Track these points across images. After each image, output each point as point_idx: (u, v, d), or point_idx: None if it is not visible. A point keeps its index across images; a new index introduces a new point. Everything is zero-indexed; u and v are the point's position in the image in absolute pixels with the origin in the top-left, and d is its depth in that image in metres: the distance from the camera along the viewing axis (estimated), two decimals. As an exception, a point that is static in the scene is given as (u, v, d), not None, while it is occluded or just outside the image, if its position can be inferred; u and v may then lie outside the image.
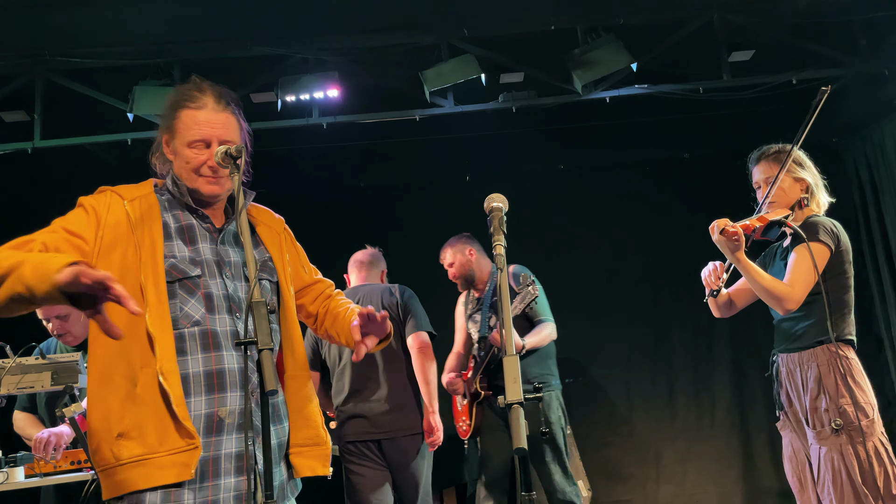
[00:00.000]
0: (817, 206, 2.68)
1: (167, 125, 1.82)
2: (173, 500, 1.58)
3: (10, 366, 2.67)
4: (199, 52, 4.24)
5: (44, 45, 4.13)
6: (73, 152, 4.54)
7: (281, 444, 1.78)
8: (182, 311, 1.67)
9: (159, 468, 1.58)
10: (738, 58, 4.69)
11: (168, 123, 1.82)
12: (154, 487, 1.58)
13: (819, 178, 2.70)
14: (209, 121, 1.77)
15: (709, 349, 5.47)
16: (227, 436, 1.66)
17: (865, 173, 5.48)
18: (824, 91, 2.48)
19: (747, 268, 2.47)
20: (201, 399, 1.65)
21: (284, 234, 2.00)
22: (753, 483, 5.27)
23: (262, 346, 1.38)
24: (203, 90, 1.79)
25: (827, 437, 2.42)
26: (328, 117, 4.46)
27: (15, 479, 2.95)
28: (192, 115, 1.78)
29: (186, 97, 1.80)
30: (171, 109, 1.82)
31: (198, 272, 1.72)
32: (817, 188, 2.68)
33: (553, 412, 3.63)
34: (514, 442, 1.39)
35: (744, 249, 2.44)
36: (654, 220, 5.57)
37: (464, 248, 3.85)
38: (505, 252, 1.64)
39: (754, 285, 2.50)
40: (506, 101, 4.52)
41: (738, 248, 2.42)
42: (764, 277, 2.48)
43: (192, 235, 1.76)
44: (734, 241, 2.41)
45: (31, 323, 3.58)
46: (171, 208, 1.79)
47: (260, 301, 1.43)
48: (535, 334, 3.62)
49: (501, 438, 3.62)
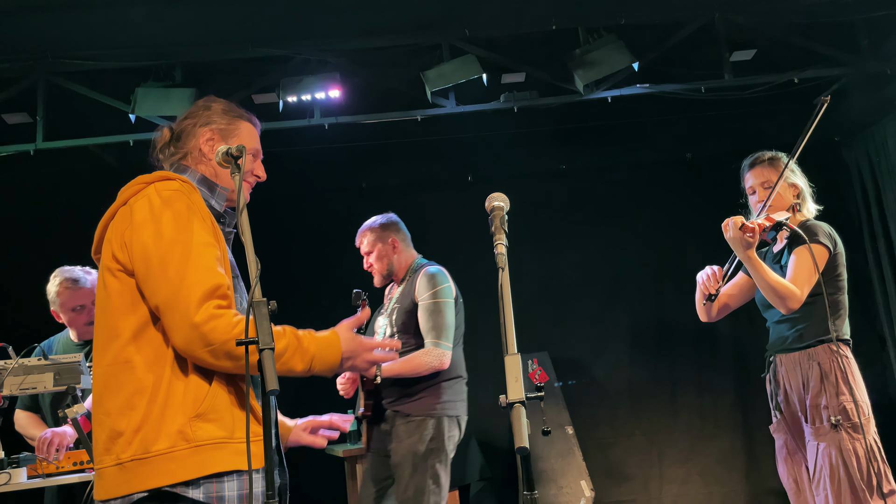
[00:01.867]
0: (807, 211, 2.74)
1: (219, 127, 1.88)
2: (245, 487, 1.60)
3: (13, 367, 2.68)
4: (201, 53, 4.24)
5: (46, 48, 4.14)
6: (75, 154, 4.54)
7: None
8: (241, 306, 1.71)
9: (237, 454, 1.59)
10: (740, 57, 4.68)
11: (221, 126, 1.88)
12: (232, 471, 1.59)
13: (808, 186, 2.75)
14: (257, 138, 1.97)
15: (711, 349, 5.47)
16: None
17: (867, 172, 5.47)
18: (824, 101, 2.52)
19: (757, 266, 2.50)
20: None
21: None
22: (756, 483, 5.26)
23: (262, 345, 1.40)
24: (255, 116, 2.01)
25: (826, 432, 2.45)
26: (330, 118, 4.47)
27: (18, 480, 2.96)
28: (251, 129, 1.95)
29: (244, 112, 1.96)
30: (228, 114, 1.92)
31: (236, 273, 1.79)
32: (807, 195, 2.74)
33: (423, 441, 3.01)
34: (516, 441, 1.38)
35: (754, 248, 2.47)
36: (656, 220, 5.56)
37: (385, 236, 3.37)
38: (506, 251, 1.64)
39: (762, 284, 2.53)
40: (507, 102, 4.52)
41: (751, 246, 2.47)
42: (772, 276, 2.52)
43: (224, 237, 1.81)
44: (749, 240, 2.43)
45: (32, 323, 3.59)
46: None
47: (261, 301, 1.45)
48: (403, 361, 3.04)
49: (373, 460, 3.23)
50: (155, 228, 1.63)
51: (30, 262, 5.05)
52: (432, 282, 3.15)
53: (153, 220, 1.64)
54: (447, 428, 3.07)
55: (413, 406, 3.08)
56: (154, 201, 1.66)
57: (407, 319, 3.15)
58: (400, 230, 3.39)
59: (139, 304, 1.64)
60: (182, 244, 1.61)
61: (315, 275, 5.29)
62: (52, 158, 4.48)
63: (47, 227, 4.99)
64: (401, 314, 3.18)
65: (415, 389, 3.08)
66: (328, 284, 5.47)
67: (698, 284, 2.74)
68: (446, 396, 3.10)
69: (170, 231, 1.62)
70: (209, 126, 1.88)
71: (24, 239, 5.05)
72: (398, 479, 3.05)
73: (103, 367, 1.65)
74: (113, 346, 1.64)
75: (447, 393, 3.11)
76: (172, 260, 1.59)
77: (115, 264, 1.66)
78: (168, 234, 1.62)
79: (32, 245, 5.07)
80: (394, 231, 3.36)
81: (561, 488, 4.67)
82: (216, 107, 1.92)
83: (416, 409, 3.07)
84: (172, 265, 1.59)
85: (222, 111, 1.91)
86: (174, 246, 1.61)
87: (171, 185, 1.70)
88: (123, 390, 1.60)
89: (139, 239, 1.63)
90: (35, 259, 5.09)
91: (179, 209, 1.65)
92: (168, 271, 1.59)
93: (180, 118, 1.94)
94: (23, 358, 2.72)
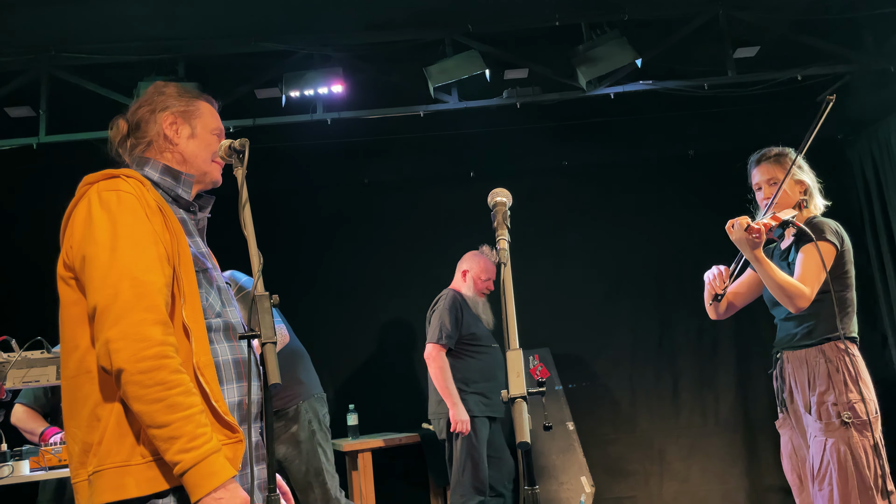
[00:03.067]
0: (815, 208, 2.72)
1: (179, 109, 1.80)
2: None
3: (16, 360, 2.69)
4: (204, 47, 4.24)
5: (49, 41, 4.14)
6: (77, 148, 4.54)
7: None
8: (207, 301, 1.64)
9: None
10: (744, 54, 4.67)
11: (181, 108, 1.80)
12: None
13: (815, 182, 2.73)
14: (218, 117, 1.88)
15: (713, 346, 5.47)
16: (255, 423, 1.65)
17: (871, 170, 5.46)
18: (829, 100, 2.51)
19: (765, 265, 2.49)
20: (233, 387, 1.63)
21: None
22: (757, 480, 5.27)
23: (265, 339, 1.39)
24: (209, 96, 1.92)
25: (836, 428, 2.44)
26: (332, 113, 4.46)
27: (20, 473, 2.97)
28: (209, 108, 1.86)
29: (201, 93, 1.87)
30: (184, 96, 1.82)
31: (210, 265, 1.71)
32: (815, 190, 2.72)
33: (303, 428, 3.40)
34: (518, 436, 1.39)
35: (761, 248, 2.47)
36: (659, 217, 5.56)
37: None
38: (509, 247, 1.64)
39: (769, 282, 2.52)
40: (510, 98, 4.52)
41: (757, 246, 2.47)
42: (780, 275, 2.51)
43: (188, 229, 1.73)
44: (756, 240, 2.43)
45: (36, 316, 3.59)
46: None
47: (263, 294, 1.44)
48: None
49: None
50: (89, 233, 1.55)
51: (31, 256, 5.07)
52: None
53: (89, 224, 1.56)
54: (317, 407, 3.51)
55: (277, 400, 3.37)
56: (93, 204, 1.58)
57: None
58: None
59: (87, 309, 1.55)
60: (110, 249, 1.52)
61: (317, 269, 5.30)
62: (55, 152, 4.48)
63: (49, 221, 4.99)
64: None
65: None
66: (330, 278, 5.49)
67: (706, 284, 2.74)
68: (304, 379, 3.51)
69: (102, 235, 1.54)
70: (169, 110, 1.80)
71: (25, 233, 5.06)
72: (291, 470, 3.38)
73: (68, 380, 1.58)
74: (73, 358, 1.57)
75: (303, 376, 3.52)
76: (100, 266, 1.51)
77: (66, 272, 1.60)
78: (100, 239, 1.54)
79: (34, 239, 5.07)
80: None
81: (561, 484, 4.68)
82: (170, 90, 1.84)
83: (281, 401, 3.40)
84: (99, 272, 1.51)
85: (177, 94, 1.83)
86: (103, 251, 1.52)
87: (113, 185, 1.62)
88: (89, 401, 1.54)
89: (77, 244, 1.57)
90: (36, 253, 5.11)
91: (117, 211, 1.57)
92: (94, 279, 1.51)
93: (133, 108, 1.85)
94: (26, 351, 2.73)
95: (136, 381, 1.45)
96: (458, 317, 4.12)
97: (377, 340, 5.45)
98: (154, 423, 1.44)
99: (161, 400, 1.45)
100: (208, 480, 1.44)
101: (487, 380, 4.11)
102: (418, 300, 5.31)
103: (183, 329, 1.57)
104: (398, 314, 5.43)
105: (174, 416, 1.44)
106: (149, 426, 1.45)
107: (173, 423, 1.44)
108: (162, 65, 4.26)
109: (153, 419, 1.44)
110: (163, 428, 1.44)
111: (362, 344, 5.40)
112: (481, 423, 4.05)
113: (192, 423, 1.45)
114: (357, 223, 5.50)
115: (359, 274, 5.37)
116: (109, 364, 1.46)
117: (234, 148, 1.64)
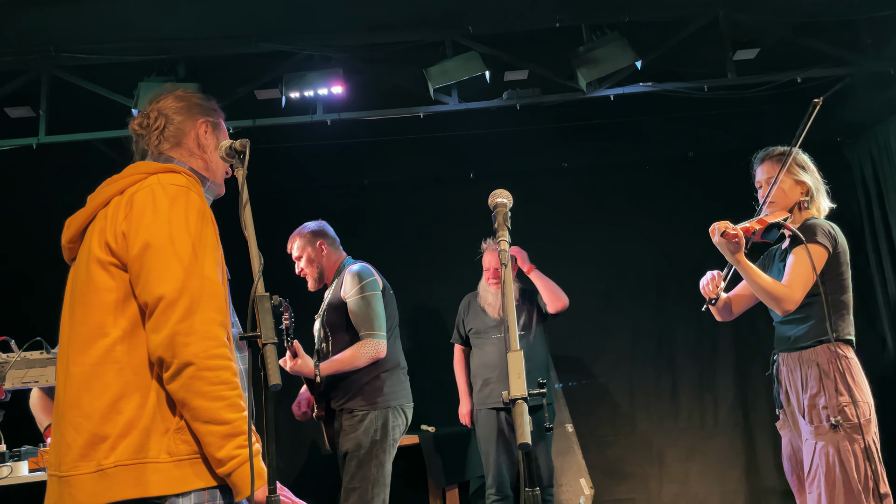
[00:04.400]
0: (817, 210, 2.71)
1: (211, 120, 1.83)
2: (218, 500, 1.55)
3: (16, 360, 2.69)
4: (205, 48, 4.23)
5: (49, 42, 4.13)
6: (77, 148, 4.54)
7: None
8: (232, 309, 1.67)
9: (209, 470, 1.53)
10: (743, 56, 4.67)
11: (212, 119, 1.84)
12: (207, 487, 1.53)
13: (821, 183, 2.73)
14: None
15: (712, 348, 5.47)
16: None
17: (870, 172, 5.47)
18: (816, 103, 2.54)
19: (747, 269, 2.50)
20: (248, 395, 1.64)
21: None
22: (756, 482, 5.27)
23: (265, 340, 1.40)
24: None
25: (825, 432, 2.45)
26: (332, 114, 4.46)
27: (19, 473, 2.96)
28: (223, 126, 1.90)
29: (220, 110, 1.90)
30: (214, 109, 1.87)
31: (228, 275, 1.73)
32: (818, 192, 2.71)
33: (367, 434, 3.16)
34: (518, 437, 1.39)
35: (744, 251, 2.47)
36: (658, 219, 5.56)
37: (313, 241, 3.45)
38: (509, 247, 1.63)
39: (754, 287, 2.53)
40: (510, 99, 4.52)
41: (738, 251, 2.47)
42: (763, 279, 2.51)
43: None
44: (735, 244, 2.44)
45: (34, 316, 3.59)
46: None
47: (264, 295, 1.44)
48: (339, 359, 3.17)
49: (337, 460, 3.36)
50: (156, 222, 1.54)
51: (31, 255, 5.06)
52: (357, 278, 3.28)
53: (157, 214, 1.55)
54: (391, 419, 3.22)
55: (356, 401, 3.22)
56: (158, 194, 1.58)
57: (336, 318, 3.28)
58: (328, 235, 3.50)
59: (131, 302, 1.55)
60: (181, 243, 1.53)
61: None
62: (55, 152, 4.48)
63: (49, 222, 4.99)
64: (330, 314, 3.31)
65: (356, 384, 3.22)
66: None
67: (700, 289, 2.75)
68: (387, 388, 3.26)
69: (172, 227, 1.54)
70: (204, 117, 1.82)
71: (25, 233, 5.05)
72: (345, 472, 3.19)
73: (85, 367, 1.54)
74: (98, 345, 1.53)
75: (387, 384, 3.26)
76: (168, 257, 1.51)
77: (108, 256, 1.57)
78: (171, 231, 1.53)
79: (34, 239, 5.07)
80: (321, 236, 3.47)
81: (560, 486, 4.67)
82: (198, 99, 1.86)
83: (359, 403, 3.22)
84: (165, 262, 1.51)
85: (209, 105, 1.87)
86: (174, 243, 1.52)
87: (177, 180, 1.62)
88: (108, 392, 1.51)
89: (138, 230, 1.54)
90: (36, 253, 5.11)
91: (186, 206, 1.57)
92: (158, 269, 1.51)
93: (162, 107, 1.83)
94: (25, 351, 2.73)
95: (203, 376, 1.47)
96: (460, 317, 4.41)
97: (376, 341, 5.44)
98: (215, 419, 1.47)
99: (224, 398, 1.48)
100: (258, 479, 1.49)
101: (489, 371, 4.17)
102: (418, 301, 5.32)
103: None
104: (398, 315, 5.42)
105: (236, 415, 1.49)
106: (206, 422, 1.47)
107: (235, 422, 1.49)
108: (162, 65, 4.26)
109: (213, 415, 1.47)
110: (224, 425, 1.48)
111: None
112: (483, 415, 4.16)
113: (247, 424, 1.49)
114: (357, 224, 5.49)
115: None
116: (172, 356, 1.46)
117: (234, 148, 1.63)
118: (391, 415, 3.22)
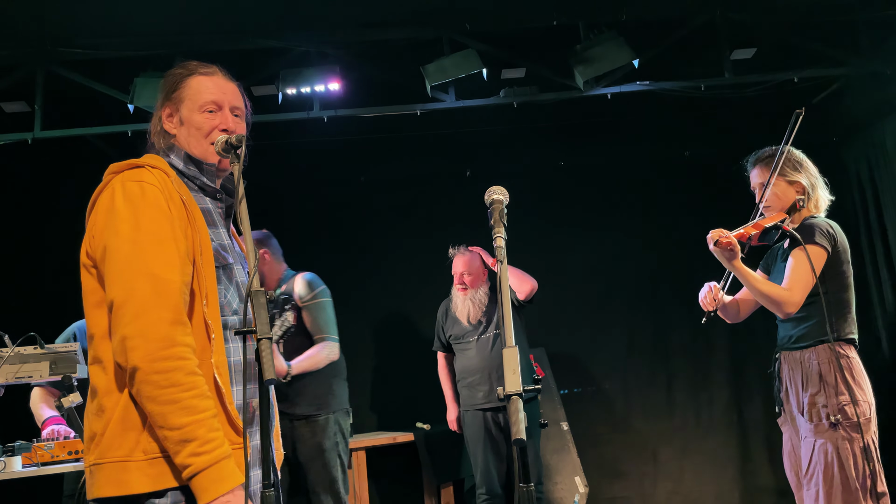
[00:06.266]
0: (815, 206, 2.71)
1: (171, 96, 1.75)
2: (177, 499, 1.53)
3: (9, 355, 2.67)
4: (201, 44, 4.23)
5: (45, 36, 4.12)
6: (73, 143, 4.53)
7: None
8: (225, 298, 1.63)
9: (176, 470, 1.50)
10: (740, 56, 4.68)
11: (172, 94, 1.75)
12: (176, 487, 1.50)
13: (816, 178, 2.73)
14: (220, 86, 1.76)
15: (707, 347, 5.47)
16: (254, 427, 1.63)
17: (865, 172, 5.47)
18: (798, 113, 2.60)
19: (745, 276, 2.51)
20: (238, 389, 1.61)
21: None
22: (750, 481, 5.28)
23: (261, 335, 1.38)
24: (210, 65, 1.80)
25: (824, 430, 2.45)
26: (329, 111, 4.46)
27: (12, 469, 2.95)
28: (201, 81, 1.75)
29: (194, 67, 1.78)
30: (175, 80, 1.76)
31: (231, 260, 1.68)
32: (814, 188, 2.71)
33: (328, 438, 3.40)
34: (513, 433, 1.38)
35: (740, 257, 2.48)
36: (655, 218, 5.56)
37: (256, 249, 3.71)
38: (505, 244, 1.63)
39: (753, 292, 2.54)
40: (507, 97, 4.52)
41: (734, 258, 2.48)
42: (762, 283, 2.52)
43: (212, 219, 1.69)
44: (730, 251, 2.45)
45: (30, 310, 3.58)
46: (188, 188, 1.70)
47: (259, 290, 1.42)
48: (307, 357, 3.38)
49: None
50: (112, 224, 1.53)
51: (26, 251, 5.05)
52: (310, 285, 3.51)
53: (110, 216, 1.54)
54: (343, 421, 3.48)
55: (313, 407, 3.41)
56: (116, 194, 1.56)
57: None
58: (272, 245, 3.66)
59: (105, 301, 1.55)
60: (132, 243, 1.51)
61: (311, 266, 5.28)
62: (50, 148, 4.47)
63: (44, 217, 4.98)
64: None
65: (310, 391, 3.41)
66: (324, 277, 5.46)
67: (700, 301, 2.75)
68: (338, 392, 3.51)
69: (124, 227, 1.52)
70: (162, 100, 1.75)
71: (20, 228, 5.04)
72: (310, 474, 3.36)
73: (88, 366, 1.60)
74: (90, 346, 1.58)
75: (337, 389, 3.51)
76: (120, 260, 1.50)
77: (87, 259, 1.59)
78: (122, 231, 1.52)
79: (28, 234, 5.06)
80: (265, 245, 3.61)
81: (556, 484, 4.68)
82: (171, 76, 1.78)
83: (316, 409, 3.42)
84: (118, 265, 1.50)
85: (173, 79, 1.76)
86: (124, 244, 1.51)
87: (137, 175, 1.60)
88: (97, 391, 1.54)
89: (99, 234, 1.55)
90: (31, 248, 5.10)
91: (139, 204, 1.54)
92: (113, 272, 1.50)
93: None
94: (19, 346, 2.71)
95: (151, 381, 1.44)
96: (439, 324, 4.37)
97: (372, 339, 5.44)
98: (167, 425, 1.44)
99: (176, 402, 1.44)
100: (217, 485, 1.44)
101: (471, 374, 4.12)
102: (413, 299, 5.32)
103: (204, 326, 1.56)
104: (393, 313, 5.42)
105: (188, 418, 1.44)
106: (161, 427, 1.45)
107: (187, 426, 1.44)
108: (158, 61, 4.24)
109: (166, 420, 1.44)
110: (175, 430, 1.43)
111: (357, 342, 5.39)
112: (469, 416, 4.12)
113: (204, 426, 1.45)
114: (353, 221, 5.49)
115: (354, 272, 5.35)
116: (125, 361, 1.45)
117: (230, 143, 1.61)
118: (343, 417, 3.48)
